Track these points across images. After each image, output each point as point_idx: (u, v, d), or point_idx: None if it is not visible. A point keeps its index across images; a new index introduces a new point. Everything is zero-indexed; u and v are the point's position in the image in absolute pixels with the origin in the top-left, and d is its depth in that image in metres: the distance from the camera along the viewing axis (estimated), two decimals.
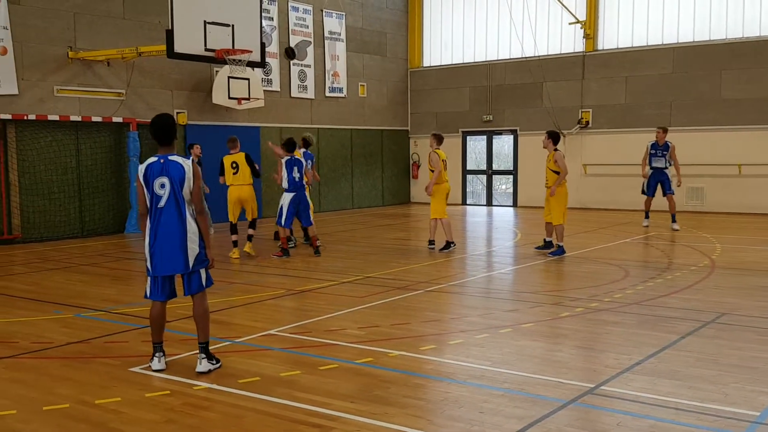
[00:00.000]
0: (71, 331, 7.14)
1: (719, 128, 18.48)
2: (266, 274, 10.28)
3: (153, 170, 5.62)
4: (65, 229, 14.81)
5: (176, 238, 5.59)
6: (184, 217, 5.61)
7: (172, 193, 5.59)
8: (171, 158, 5.66)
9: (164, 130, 5.71)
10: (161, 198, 5.59)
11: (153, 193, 5.61)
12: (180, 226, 5.60)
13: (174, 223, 5.59)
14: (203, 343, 5.74)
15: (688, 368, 5.65)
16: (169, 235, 5.59)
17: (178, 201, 5.60)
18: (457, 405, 4.90)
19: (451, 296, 8.74)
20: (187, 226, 5.61)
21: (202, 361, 5.69)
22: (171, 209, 5.59)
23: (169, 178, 5.59)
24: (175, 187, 5.59)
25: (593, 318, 7.42)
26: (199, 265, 5.70)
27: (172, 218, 5.59)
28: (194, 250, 5.64)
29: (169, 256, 5.61)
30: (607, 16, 20.41)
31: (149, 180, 5.62)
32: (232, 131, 17.94)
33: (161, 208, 5.60)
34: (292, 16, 19.58)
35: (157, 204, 5.61)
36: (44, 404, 4.99)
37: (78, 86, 14.98)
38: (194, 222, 5.65)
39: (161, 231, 5.61)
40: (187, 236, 5.60)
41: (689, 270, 10.12)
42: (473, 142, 23.02)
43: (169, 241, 5.59)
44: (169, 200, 5.59)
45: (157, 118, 5.80)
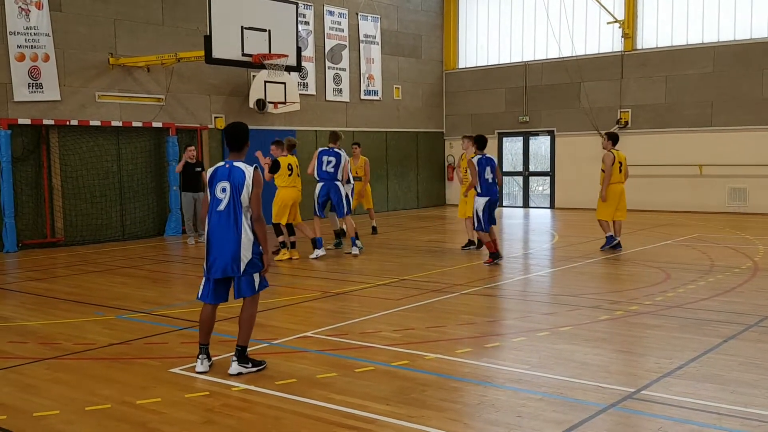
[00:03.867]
0: (112, 332, 7.27)
1: (761, 128, 18.08)
2: (302, 277, 10.34)
3: (218, 174, 5.80)
4: (107, 232, 15.09)
5: (230, 243, 5.69)
6: (240, 222, 5.70)
7: (231, 198, 5.71)
8: (236, 164, 5.80)
9: (234, 137, 5.90)
10: (221, 202, 5.73)
11: (214, 196, 5.77)
12: (235, 231, 5.69)
13: (230, 228, 5.70)
14: (240, 346, 5.80)
15: (730, 372, 5.53)
16: (224, 239, 5.70)
17: (236, 206, 5.70)
18: (494, 409, 4.87)
19: (488, 299, 8.68)
20: (242, 231, 5.70)
21: (233, 364, 5.76)
22: (228, 214, 5.71)
23: (230, 183, 5.72)
24: (235, 192, 5.70)
25: (633, 321, 7.31)
26: (251, 269, 5.77)
27: (228, 222, 5.71)
28: (247, 257, 5.71)
29: (222, 259, 5.71)
30: (646, 15, 20.12)
31: (212, 183, 5.79)
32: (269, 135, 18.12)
33: (220, 212, 5.74)
34: (327, 20, 19.68)
35: (216, 207, 5.75)
36: (86, 405, 5.08)
37: (119, 92, 15.26)
38: (250, 228, 5.74)
39: (217, 234, 5.74)
40: (241, 242, 5.69)
41: (732, 272, 9.91)
42: (509, 144, 22.88)
43: (223, 244, 5.70)
44: (227, 205, 5.71)
45: (231, 125, 6.00)
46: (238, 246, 5.67)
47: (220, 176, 5.77)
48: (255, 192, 5.72)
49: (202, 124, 16.74)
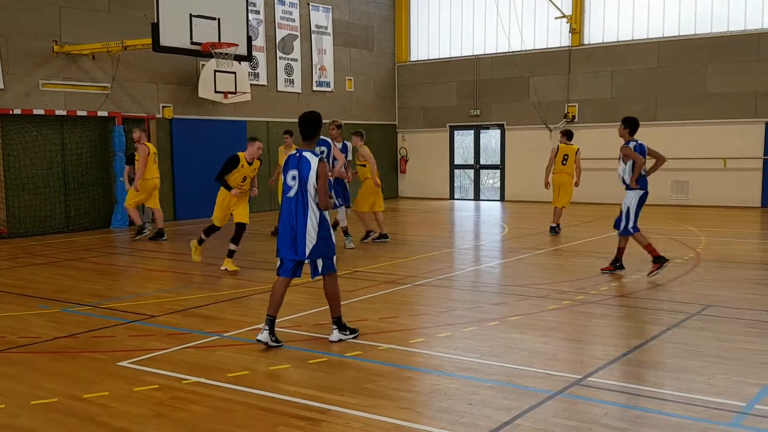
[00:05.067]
0: (58, 325, 7.11)
1: (704, 122, 18.62)
2: (254, 269, 10.26)
3: (289, 163, 6.15)
4: (51, 224, 14.72)
5: (297, 227, 6.02)
6: (307, 209, 6.01)
7: (299, 185, 6.04)
8: (305, 154, 6.10)
9: (305, 126, 6.19)
10: (291, 189, 6.10)
11: (286, 183, 6.14)
12: (302, 217, 6.02)
13: (298, 214, 6.03)
14: (335, 317, 6.30)
15: (673, 359, 5.70)
16: (291, 224, 6.04)
17: (304, 194, 6.02)
18: (446, 397, 4.93)
19: (439, 290, 8.76)
20: (308, 218, 6.01)
21: (334, 332, 6.28)
22: (297, 200, 6.05)
23: (299, 171, 6.04)
24: (303, 181, 6.02)
25: (580, 310, 7.47)
26: (317, 255, 6.07)
27: (297, 208, 6.04)
28: (312, 241, 6.02)
29: (289, 242, 6.06)
30: (593, 11, 20.49)
31: (285, 171, 6.14)
32: (218, 125, 17.93)
33: (290, 198, 6.10)
34: (278, 9, 19.51)
35: (287, 193, 6.12)
36: (32, 398, 4.97)
37: (63, 80, 14.87)
38: (316, 215, 6.01)
39: (286, 219, 6.10)
40: (306, 227, 6.00)
41: (674, 263, 10.19)
42: (461, 137, 23.06)
43: (291, 229, 6.05)
44: (296, 192, 6.06)
45: (306, 114, 6.26)
46: (304, 230, 6.00)
47: (291, 164, 6.12)
48: (320, 183, 6.00)
49: (150, 114, 16.44)
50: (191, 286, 9.10)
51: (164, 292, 8.74)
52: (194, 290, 8.81)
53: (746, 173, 18.24)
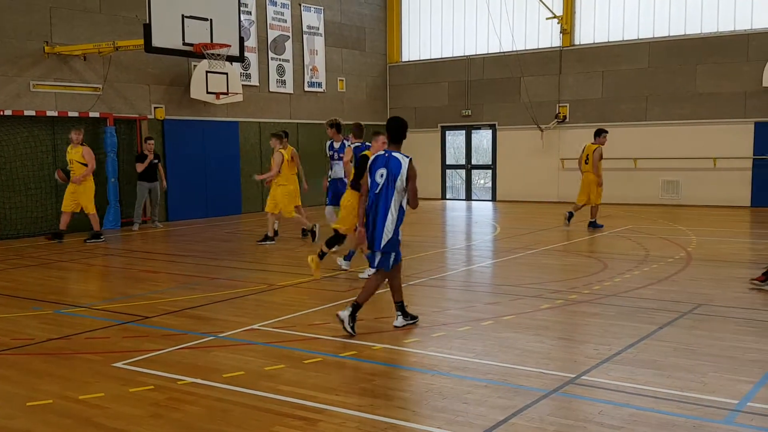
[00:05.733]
0: (52, 327, 7.09)
1: (694, 122, 18.73)
2: (248, 270, 10.26)
3: (378, 162, 6.65)
4: (42, 225, 14.65)
5: (379, 221, 6.57)
6: (389, 205, 6.56)
7: (386, 183, 6.55)
8: (394, 154, 6.64)
9: (396, 130, 6.80)
10: (378, 185, 6.61)
11: (373, 180, 6.63)
12: (384, 211, 6.57)
13: (381, 209, 6.58)
14: (398, 302, 6.81)
15: (666, 358, 5.75)
16: (375, 218, 6.60)
17: (390, 191, 6.54)
18: (441, 396, 4.95)
19: (433, 290, 8.79)
20: (389, 213, 6.56)
21: (398, 318, 6.82)
22: (382, 197, 6.57)
23: (388, 170, 6.55)
24: (390, 178, 6.53)
25: (573, 310, 7.52)
26: (390, 247, 6.59)
27: (381, 204, 6.58)
28: (388, 235, 6.56)
29: (372, 234, 6.61)
30: (584, 11, 20.58)
31: (372, 169, 6.64)
32: (210, 126, 17.91)
33: (376, 194, 6.62)
34: (270, 10, 19.50)
35: (374, 190, 6.63)
36: (28, 400, 4.96)
37: (54, 81, 14.82)
38: (396, 211, 6.58)
39: (371, 213, 6.64)
40: (386, 222, 6.54)
41: (666, 262, 10.26)
42: (452, 137, 23.11)
43: (374, 222, 6.61)
44: (382, 188, 6.57)
45: (395, 119, 6.87)
46: (383, 224, 6.53)
47: (379, 164, 6.63)
48: (411, 183, 6.56)
49: (141, 115, 16.41)
50: (184, 287, 9.10)
51: (157, 293, 8.73)
52: (188, 291, 8.81)
53: (736, 173, 18.36)
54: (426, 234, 14.57)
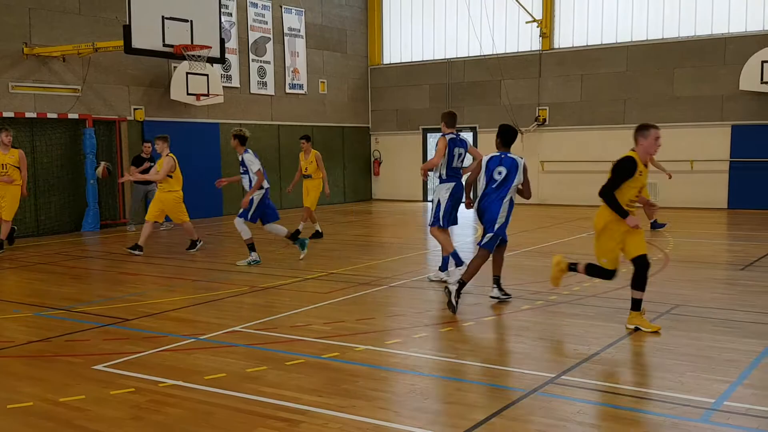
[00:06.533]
0: (32, 329, 7.04)
1: (672, 125, 18.92)
2: (229, 271, 10.25)
3: (493, 161, 7.91)
4: (21, 227, 14.47)
5: (495, 210, 7.74)
6: (504, 197, 7.78)
7: (504, 179, 7.77)
8: (509, 155, 7.91)
9: (510, 135, 8.08)
10: (496, 181, 7.83)
11: (491, 177, 7.86)
12: (500, 202, 7.76)
13: (497, 200, 7.77)
14: (496, 276, 8.07)
15: (644, 358, 5.83)
16: (491, 207, 7.77)
17: (508, 185, 7.78)
18: (423, 396, 4.99)
19: (415, 291, 8.83)
20: (504, 202, 7.77)
21: (494, 289, 8.03)
22: (498, 190, 7.80)
23: (505, 168, 7.78)
24: (509, 176, 7.77)
25: (553, 310, 7.59)
26: (501, 231, 7.83)
27: (497, 196, 7.79)
28: (501, 221, 7.77)
29: (487, 219, 7.78)
30: (563, 15, 20.75)
31: (489, 167, 7.88)
32: (191, 128, 17.84)
33: (493, 188, 7.82)
34: (251, 11, 19.47)
35: (492, 185, 7.85)
36: (8, 402, 4.93)
37: (33, 82, 14.70)
38: (508, 203, 7.79)
39: (487, 202, 7.82)
40: (500, 210, 7.73)
41: None
42: (433, 140, 23.13)
43: (490, 210, 7.77)
44: (500, 184, 7.79)
45: (506, 127, 8.17)
46: (497, 212, 7.73)
47: (496, 163, 7.89)
48: (526, 177, 7.89)
49: (121, 116, 16.31)
50: (164, 289, 9.06)
51: (137, 295, 8.69)
52: (167, 293, 8.78)
53: (713, 175, 18.60)
54: (407, 236, 14.62)
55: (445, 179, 9.09)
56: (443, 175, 9.08)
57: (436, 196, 9.13)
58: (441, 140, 9.08)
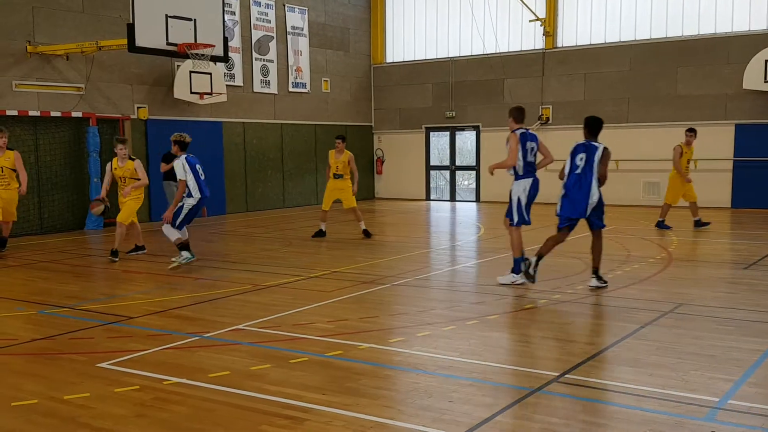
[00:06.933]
0: (35, 327, 7.06)
1: (675, 124, 18.90)
2: (232, 270, 10.25)
3: (578, 149, 8.40)
4: (24, 225, 14.53)
5: (584, 194, 8.22)
6: (589, 181, 8.20)
7: (586, 165, 8.24)
8: (592, 143, 8.39)
9: (595, 126, 8.50)
10: (579, 167, 8.30)
11: (574, 163, 8.34)
12: (586, 186, 8.21)
13: (583, 185, 8.25)
14: (596, 267, 8.45)
15: (648, 356, 5.82)
16: (579, 192, 8.25)
17: (590, 170, 8.22)
18: (426, 395, 4.99)
19: (418, 290, 8.83)
20: (591, 188, 8.21)
21: (592, 280, 8.45)
22: (583, 175, 8.26)
23: (586, 155, 8.27)
24: (590, 161, 8.25)
25: (556, 309, 7.58)
26: (594, 213, 8.33)
27: (582, 182, 8.25)
28: (593, 204, 8.23)
29: (575, 205, 8.30)
30: (566, 14, 20.73)
31: (573, 154, 8.39)
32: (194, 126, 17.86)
33: (578, 174, 8.30)
34: (254, 10, 19.48)
35: (575, 171, 8.32)
36: (12, 400, 4.94)
37: (37, 81, 14.72)
38: (596, 186, 8.22)
39: (573, 189, 8.30)
40: (589, 194, 8.19)
41: (647, 262, 10.37)
42: (436, 138, 23.18)
43: (579, 195, 8.25)
44: (583, 169, 8.26)
45: (593, 118, 8.57)
46: (587, 196, 8.18)
47: (579, 150, 8.36)
48: (603, 164, 8.23)
49: (125, 114, 16.32)
50: (168, 288, 9.07)
51: (141, 293, 8.71)
52: (171, 291, 8.79)
53: (717, 174, 18.57)
54: (410, 234, 14.62)
55: (521, 175, 8.89)
56: (519, 170, 8.87)
57: (514, 194, 8.95)
58: (512, 137, 8.92)
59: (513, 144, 8.79)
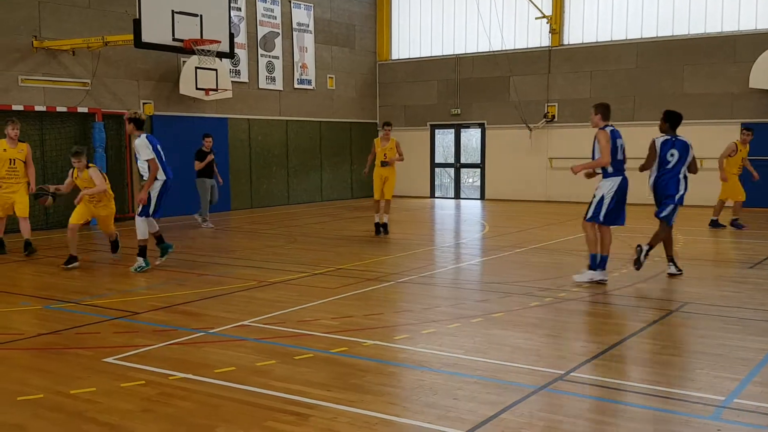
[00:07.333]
0: (41, 322, 7.08)
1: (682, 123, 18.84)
2: (237, 266, 10.27)
3: (667, 145, 8.96)
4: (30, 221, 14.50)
5: (672, 187, 8.88)
6: (677, 174, 8.91)
7: (678, 160, 8.90)
8: (679, 138, 9.03)
9: (676, 120, 9.13)
10: (670, 162, 8.92)
11: (664, 158, 8.92)
12: (677, 180, 8.92)
13: (673, 178, 8.90)
14: (670, 254, 9.14)
15: (654, 355, 5.81)
16: (669, 185, 8.91)
17: (681, 165, 8.93)
18: (431, 392, 4.99)
19: (423, 287, 8.83)
20: (679, 179, 8.89)
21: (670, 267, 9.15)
22: (673, 170, 8.92)
23: (678, 150, 8.91)
24: (682, 156, 8.91)
25: (562, 307, 7.57)
26: (680, 201, 8.97)
27: (672, 174, 8.93)
28: (680, 194, 8.95)
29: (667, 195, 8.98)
30: (573, 11, 20.68)
31: (663, 150, 8.93)
32: (199, 122, 17.87)
33: (668, 169, 8.93)
34: (259, 6, 19.48)
35: (666, 165, 8.93)
36: (18, 395, 4.96)
37: (43, 76, 14.74)
38: (683, 178, 8.92)
39: (665, 183, 8.94)
40: (678, 186, 8.92)
41: (652, 261, 10.33)
42: (441, 136, 23.17)
43: (668, 188, 8.91)
44: (673, 165, 8.92)
45: (674, 113, 9.20)
46: (676, 187, 8.90)
47: (669, 146, 8.95)
48: (693, 156, 9.00)
49: (130, 110, 16.31)
50: (173, 283, 9.09)
51: (147, 288, 8.73)
52: (176, 287, 8.80)
53: None
54: (415, 232, 14.61)
55: (611, 173, 8.68)
56: (609, 168, 8.65)
57: (599, 191, 8.74)
58: (602, 134, 8.62)
59: (604, 142, 8.52)
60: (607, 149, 8.48)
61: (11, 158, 11.33)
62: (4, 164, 11.23)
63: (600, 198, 8.69)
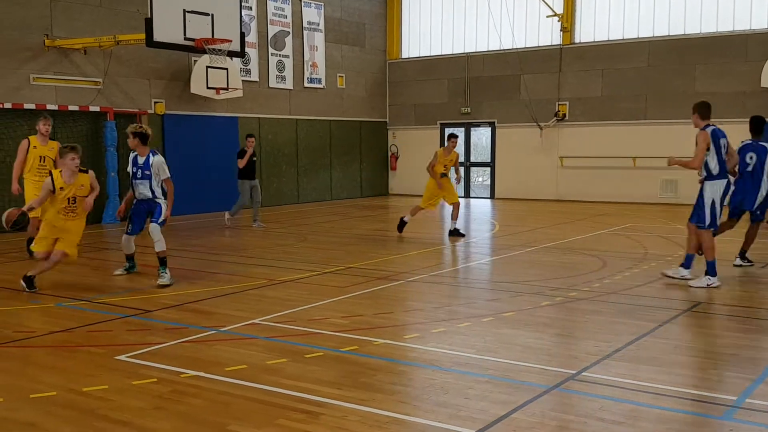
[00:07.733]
0: (53, 320, 7.12)
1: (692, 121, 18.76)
2: (248, 265, 10.29)
3: (747, 148, 9.27)
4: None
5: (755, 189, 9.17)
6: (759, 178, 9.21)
7: (757, 163, 9.20)
8: (760, 143, 9.22)
9: (760, 125, 9.25)
10: (749, 165, 9.15)
11: (743, 161, 9.16)
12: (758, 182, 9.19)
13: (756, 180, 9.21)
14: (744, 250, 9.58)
15: (666, 355, 5.79)
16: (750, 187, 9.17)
17: (759, 169, 9.20)
18: (442, 391, 4.98)
19: (433, 286, 8.82)
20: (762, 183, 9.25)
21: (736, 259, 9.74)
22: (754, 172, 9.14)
23: (757, 154, 9.13)
24: (761, 160, 9.08)
25: (573, 307, 7.55)
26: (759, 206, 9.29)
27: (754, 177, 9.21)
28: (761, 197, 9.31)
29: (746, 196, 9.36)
30: (584, 10, 20.61)
31: (742, 153, 9.15)
32: (210, 121, 17.93)
33: (749, 171, 9.19)
34: (270, 5, 19.51)
35: (746, 168, 9.18)
36: (31, 392, 4.99)
37: (54, 75, 14.82)
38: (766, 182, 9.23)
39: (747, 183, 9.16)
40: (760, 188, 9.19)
41: (665, 260, 10.31)
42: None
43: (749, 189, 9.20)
44: (753, 166, 9.20)
45: (757, 117, 9.40)
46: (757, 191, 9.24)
47: (748, 149, 9.17)
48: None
49: (142, 109, 16.40)
50: (185, 282, 9.11)
51: (158, 287, 8.74)
52: (188, 285, 8.83)
53: None
54: (425, 231, 14.59)
55: (716, 175, 8.26)
56: (713, 170, 8.23)
57: (707, 195, 8.31)
58: (702, 135, 8.22)
59: (702, 144, 8.13)
60: (703, 151, 8.12)
61: (41, 155, 10.62)
62: (35, 162, 10.59)
63: (711, 203, 8.30)
